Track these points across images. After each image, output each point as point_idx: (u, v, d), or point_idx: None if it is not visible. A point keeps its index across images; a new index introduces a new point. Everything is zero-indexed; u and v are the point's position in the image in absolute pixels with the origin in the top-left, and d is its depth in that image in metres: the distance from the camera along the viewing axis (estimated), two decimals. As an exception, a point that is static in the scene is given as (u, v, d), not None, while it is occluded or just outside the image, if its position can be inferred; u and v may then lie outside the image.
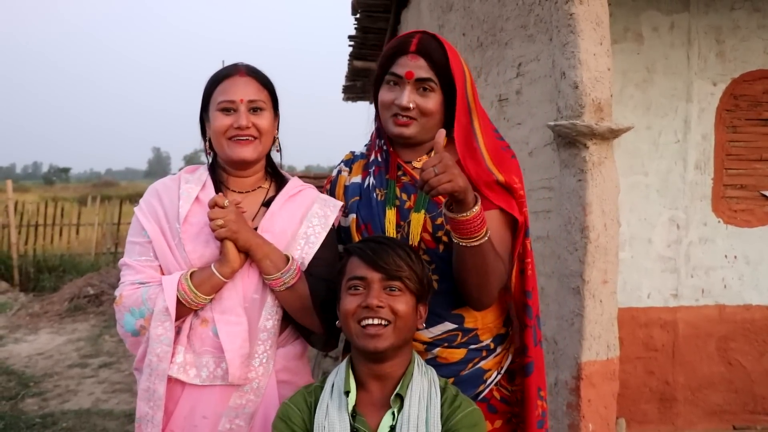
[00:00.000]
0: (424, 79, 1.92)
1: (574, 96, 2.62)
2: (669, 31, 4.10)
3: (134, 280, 1.94)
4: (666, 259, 4.24)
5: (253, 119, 1.95)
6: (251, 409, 1.89)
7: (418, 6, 6.10)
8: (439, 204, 1.90)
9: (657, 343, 4.24)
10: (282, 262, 1.89)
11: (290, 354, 2.01)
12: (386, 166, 2.03)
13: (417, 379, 1.74)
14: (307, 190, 2.08)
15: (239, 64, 2.01)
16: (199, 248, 1.93)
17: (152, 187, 2.08)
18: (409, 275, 1.73)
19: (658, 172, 4.20)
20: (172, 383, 1.90)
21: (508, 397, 2.00)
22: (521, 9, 3.22)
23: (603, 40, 2.65)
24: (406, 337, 1.75)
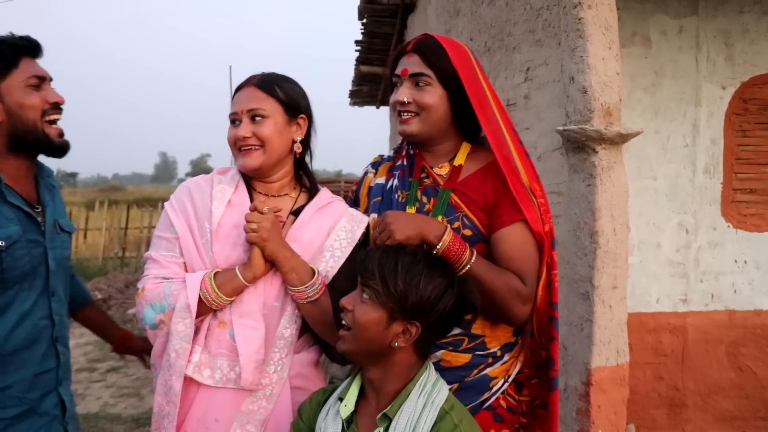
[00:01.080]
0: (418, 73, 1.95)
1: (583, 100, 2.61)
2: (677, 34, 4.09)
3: (158, 275, 1.97)
4: (675, 264, 4.22)
5: (253, 128, 1.96)
6: (263, 416, 1.89)
7: (425, 11, 6.11)
8: (457, 209, 1.91)
9: (666, 348, 4.21)
10: (307, 275, 1.89)
11: (305, 360, 2.01)
12: (410, 170, 2.05)
13: (412, 400, 1.64)
14: (336, 203, 2.08)
15: (256, 75, 2.04)
16: (226, 250, 1.95)
17: (184, 184, 2.10)
18: (380, 287, 1.63)
19: (666, 176, 4.18)
20: (188, 382, 1.91)
21: (515, 406, 1.98)
22: (529, 14, 3.21)
23: (612, 44, 2.64)
24: (368, 348, 1.67)
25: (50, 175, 2.15)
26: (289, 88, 2.02)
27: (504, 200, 1.89)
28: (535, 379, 2.01)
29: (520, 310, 1.85)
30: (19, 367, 1.97)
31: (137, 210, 18.59)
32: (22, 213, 1.98)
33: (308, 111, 2.06)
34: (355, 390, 1.75)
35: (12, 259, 1.92)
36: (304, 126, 2.04)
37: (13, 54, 1.96)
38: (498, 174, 1.91)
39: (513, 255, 1.86)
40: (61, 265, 2.08)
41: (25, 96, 1.96)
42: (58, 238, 2.09)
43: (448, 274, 1.68)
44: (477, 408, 1.91)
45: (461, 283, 1.69)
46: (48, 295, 2.03)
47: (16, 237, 1.93)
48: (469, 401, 1.87)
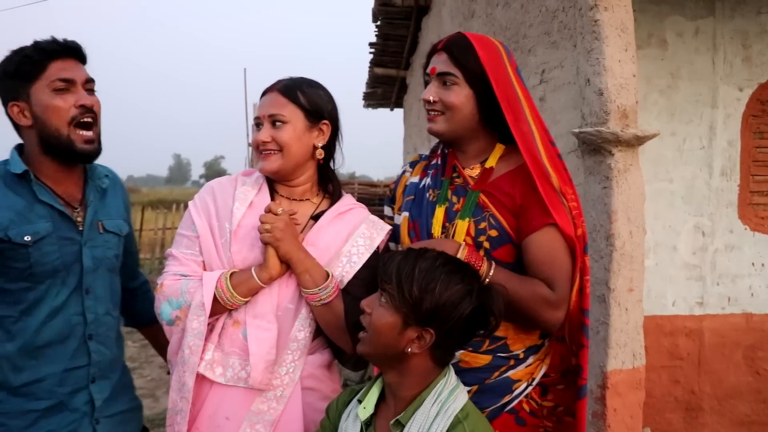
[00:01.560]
0: (444, 72, 1.94)
1: (599, 103, 2.60)
2: (694, 36, 4.06)
3: (177, 272, 2.00)
4: (691, 267, 4.19)
5: (272, 133, 1.98)
6: (273, 417, 1.90)
7: (439, 13, 6.10)
8: (485, 209, 1.90)
9: (682, 351, 4.19)
10: (321, 278, 1.91)
11: (318, 362, 2.01)
12: (443, 169, 2.05)
13: (425, 407, 1.63)
14: (357, 210, 2.09)
15: (282, 79, 2.06)
16: (244, 250, 1.97)
17: (208, 184, 2.13)
18: (395, 292, 1.62)
19: (683, 178, 4.15)
20: (201, 380, 1.94)
21: (537, 410, 1.94)
22: (544, 16, 3.21)
23: (628, 46, 2.63)
24: (383, 352, 1.67)
25: (100, 177, 2.18)
26: (313, 93, 2.03)
27: (533, 204, 1.86)
28: (561, 385, 1.98)
29: (551, 316, 1.83)
30: (50, 360, 2.00)
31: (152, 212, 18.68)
32: (56, 211, 2.01)
33: (333, 117, 2.07)
34: (375, 392, 1.75)
35: (40, 254, 1.96)
36: (327, 132, 2.05)
37: (42, 58, 1.97)
38: (528, 177, 1.88)
39: (542, 260, 1.84)
40: (102, 264, 2.10)
41: (49, 100, 1.97)
42: (100, 237, 2.11)
43: (469, 282, 1.64)
44: (498, 411, 1.89)
45: (484, 292, 1.66)
46: (82, 293, 2.05)
47: (45, 233, 1.97)
48: (489, 404, 1.86)
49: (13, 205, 1.96)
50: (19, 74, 1.96)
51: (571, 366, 1.96)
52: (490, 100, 1.92)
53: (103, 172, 2.21)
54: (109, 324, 2.13)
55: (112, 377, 2.15)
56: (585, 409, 1.93)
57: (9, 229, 1.93)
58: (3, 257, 1.95)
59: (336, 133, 2.10)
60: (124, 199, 2.32)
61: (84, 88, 2.03)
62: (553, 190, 1.86)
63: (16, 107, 1.98)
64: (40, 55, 1.97)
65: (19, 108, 1.98)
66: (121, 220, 2.22)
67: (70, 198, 2.07)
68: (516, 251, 1.90)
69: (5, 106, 2.00)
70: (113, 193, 2.23)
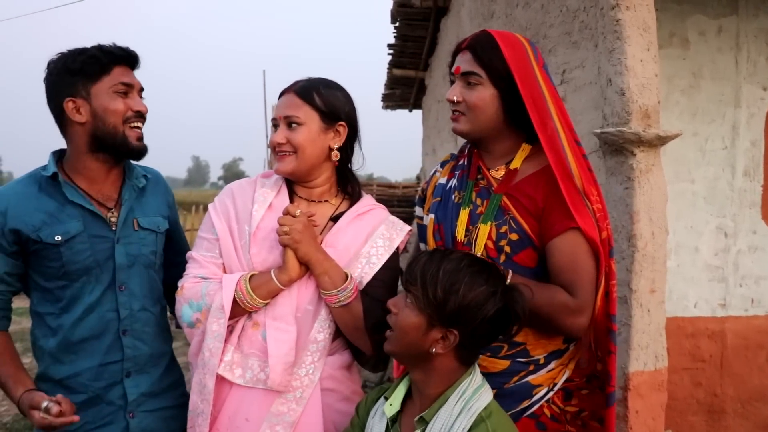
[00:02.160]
0: (468, 72, 1.92)
1: (620, 103, 2.59)
2: (716, 35, 4.02)
3: (197, 274, 2.02)
4: (713, 268, 4.15)
5: (287, 134, 1.99)
6: (292, 418, 1.91)
7: (458, 14, 6.10)
8: (506, 212, 1.87)
9: (704, 353, 4.14)
10: (340, 279, 1.91)
11: (337, 363, 2.02)
12: (469, 170, 2.02)
13: (449, 405, 1.64)
14: (376, 210, 2.09)
15: (299, 80, 2.07)
16: (263, 252, 1.98)
17: (228, 187, 2.16)
18: (420, 293, 1.64)
19: (705, 179, 4.11)
20: (221, 381, 1.96)
21: (559, 415, 1.91)
22: (565, 16, 3.19)
23: (650, 45, 2.61)
24: (408, 351, 1.69)
25: (138, 177, 2.25)
26: (330, 94, 2.03)
27: (555, 207, 1.82)
28: (586, 390, 1.94)
29: (572, 322, 1.79)
30: (87, 355, 2.09)
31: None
32: (87, 211, 2.09)
33: (350, 118, 2.06)
34: (402, 390, 1.77)
35: (71, 253, 2.05)
36: (344, 133, 2.05)
37: (108, 61, 2.08)
38: (551, 179, 1.84)
39: (563, 265, 1.80)
40: (138, 261, 2.17)
41: (110, 101, 2.08)
42: (135, 234, 2.17)
43: (493, 283, 1.65)
44: (517, 415, 1.87)
45: (508, 293, 1.66)
46: (115, 289, 2.12)
47: (75, 233, 2.06)
48: (507, 408, 1.83)
49: (45, 207, 2.05)
50: (84, 72, 2.06)
51: (597, 371, 1.93)
52: (515, 99, 1.89)
53: (141, 172, 2.28)
54: (145, 319, 2.18)
55: (153, 372, 2.20)
56: (614, 417, 1.90)
57: (41, 231, 2.03)
58: (38, 257, 2.05)
59: (354, 134, 2.09)
60: (167, 197, 2.38)
61: (138, 94, 2.16)
62: (576, 192, 1.82)
63: (72, 103, 2.07)
64: (107, 58, 2.08)
65: (76, 104, 2.07)
66: (160, 218, 2.27)
67: (104, 198, 2.15)
68: (538, 256, 1.86)
69: (60, 100, 2.08)
70: (153, 191, 2.30)
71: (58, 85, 2.08)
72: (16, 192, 2.08)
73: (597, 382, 1.93)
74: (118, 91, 2.08)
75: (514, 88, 1.88)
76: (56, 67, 2.08)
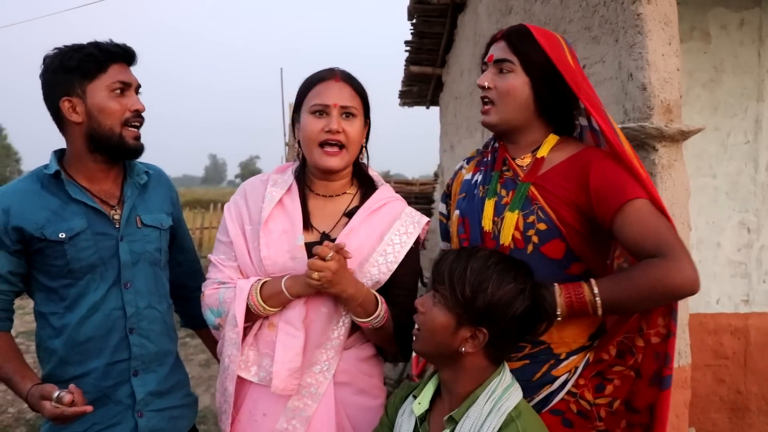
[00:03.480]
0: (501, 59, 1.90)
1: (642, 98, 2.56)
2: (738, 28, 3.98)
3: (216, 279, 2.03)
4: (736, 264, 4.11)
5: (344, 125, 1.95)
6: (308, 413, 1.92)
7: (476, 10, 6.07)
8: (533, 201, 1.83)
9: (727, 350, 4.10)
10: (372, 306, 1.89)
11: (353, 357, 2.02)
12: (493, 163, 2.00)
13: (479, 405, 1.63)
14: (392, 204, 2.05)
15: (335, 68, 2.03)
16: (273, 254, 1.97)
17: (242, 186, 2.15)
18: (448, 293, 1.62)
19: (727, 174, 4.07)
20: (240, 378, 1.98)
21: (588, 411, 1.83)
22: (585, 10, 3.17)
23: (672, 40, 2.58)
24: (437, 351, 1.68)
25: (139, 174, 2.22)
26: (365, 90, 2.04)
27: (608, 186, 1.75)
28: (619, 367, 1.83)
29: (683, 279, 1.65)
30: (94, 355, 2.07)
31: (189, 211, 18.93)
32: (90, 208, 2.07)
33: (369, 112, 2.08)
34: (431, 388, 1.76)
35: (75, 250, 2.02)
36: (367, 128, 2.07)
37: (105, 59, 2.04)
38: (585, 165, 1.80)
39: (639, 234, 1.68)
40: (142, 258, 2.15)
41: (107, 101, 2.03)
42: (139, 232, 2.15)
43: (521, 280, 1.63)
44: (540, 408, 1.83)
45: (536, 290, 1.65)
46: (120, 287, 2.10)
47: (79, 230, 2.03)
48: (528, 396, 1.79)
49: (49, 205, 2.03)
50: (80, 71, 2.01)
51: (635, 346, 1.82)
52: (547, 89, 1.89)
53: (142, 169, 2.24)
54: (152, 317, 2.16)
55: (160, 371, 2.18)
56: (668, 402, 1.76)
57: (44, 228, 2.00)
58: (42, 255, 2.03)
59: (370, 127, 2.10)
60: (170, 194, 2.34)
61: (135, 92, 2.11)
62: (634, 165, 1.76)
63: (68, 102, 2.03)
64: (104, 55, 2.03)
65: (72, 104, 2.04)
66: (163, 214, 2.25)
67: (106, 195, 2.13)
68: (565, 247, 1.83)
69: (55, 99, 2.04)
70: (155, 188, 2.27)
71: (53, 83, 2.05)
72: (19, 190, 2.06)
73: (632, 360, 1.82)
74: (114, 89, 2.05)
75: (546, 79, 1.87)
76: (52, 63, 2.04)
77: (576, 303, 1.70)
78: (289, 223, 1.99)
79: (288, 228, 1.98)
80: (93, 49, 2.04)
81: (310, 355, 1.94)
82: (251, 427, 1.97)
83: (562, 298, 1.72)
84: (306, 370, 1.94)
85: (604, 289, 1.70)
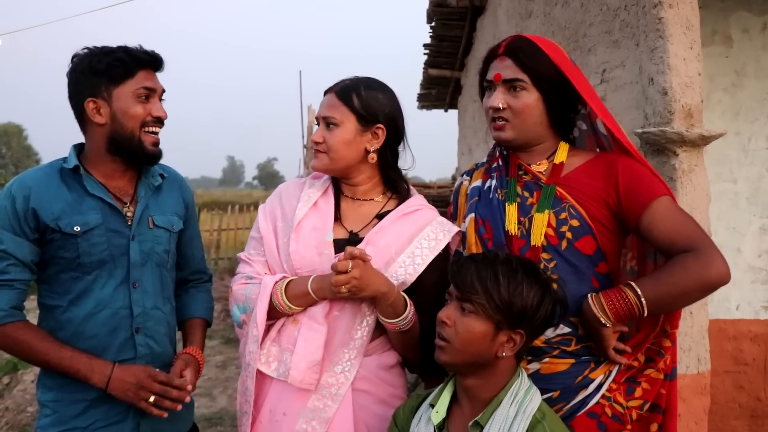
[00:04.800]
0: (512, 79, 1.91)
1: (663, 102, 2.55)
2: (761, 32, 3.95)
3: (244, 274, 2.07)
4: (756, 270, 4.07)
5: (324, 134, 2.02)
6: (328, 414, 1.93)
7: (495, 13, 6.07)
8: (563, 200, 1.87)
9: (747, 356, 4.07)
10: (402, 307, 1.90)
11: (374, 364, 2.02)
12: (507, 169, 2.02)
13: (504, 408, 1.64)
14: (424, 211, 2.08)
15: (345, 79, 2.09)
16: (301, 249, 2.01)
17: (278, 188, 2.22)
18: (484, 300, 1.63)
19: (747, 179, 4.04)
20: (262, 375, 2.00)
21: (621, 414, 1.86)
22: (605, 14, 3.16)
23: (693, 44, 2.57)
24: (473, 360, 1.67)
25: (154, 176, 2.25)
26: (370, 97, 2.04)
27: (635, 184, 1.82)
28: (650, 370, 1.90)
29: (717, 272, 1.73)
30: (99, 352, 2.06)
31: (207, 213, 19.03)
32: (106, 204, 2.10)
33: (390, 121, 2.07)
34: (447, 396, 1.76)
35: (88, 245, 2.04)
36: (382, 136, 2.06)
37: (133, 65, 2.07)
38: (609, 166, 1.87)
39: (672, 230, 1.77)
40: (150, 259, 2.17)
41: (130, 105, 2.07)
42: (150, 232, 2.17)
43: (543, 280, 1.68)
44: (576, 410, 1.84)
45: (555, 290, 1.70)
46: (129, 286, 2.11)
47: (94, 224, 2.06)
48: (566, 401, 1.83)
49: (66, 197, 2.05)
50: (108, 74, 2.05)
51: (662, 347, 1.89)
52: (557, 101, 1.92)
53: (157, 171, 2.27)
54: (157, 318, 2.18)
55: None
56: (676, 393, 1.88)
57: (60, 219, 2.02)
58: (53, 246, 2.04)
59: (396, 135, 2.10)
60: (185, 197, 2.36)
61: (159, 98, 2.15)
62: (649, 165, 1.87)
63: (93, 103, 2.07)
64: (133, 62, 2.07)
65: (96, 105, 2.07)
66: (175, 217, 2.27)
67: (121, 193, 2.16)
68: (596, 244, 1.86)
69: (81, 99, 2.08)
70: (169, 190, 2.30)
71: (80, 83, 2.08)
72: (38, 179, 2.08)
73: (662, 362, 1.89)
74: (140, 95, 2.08)
75: (555, 90, 1.91)
76: (81, 64, 2.08)
77: (621, 309, 1.75)
78: (320, 221, 2.04)
79: (319, 225, 2.03)
80: (122, 54, 2.08)
81: (333, 354, 1.96)
82: (272, 426, 1.98)
83: (606, 306, 1.76)
84: (327, 369, 1.95)
85: (647, 290, 1.74)
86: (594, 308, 1.77)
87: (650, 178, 1.85)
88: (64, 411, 2.06)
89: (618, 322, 1.78)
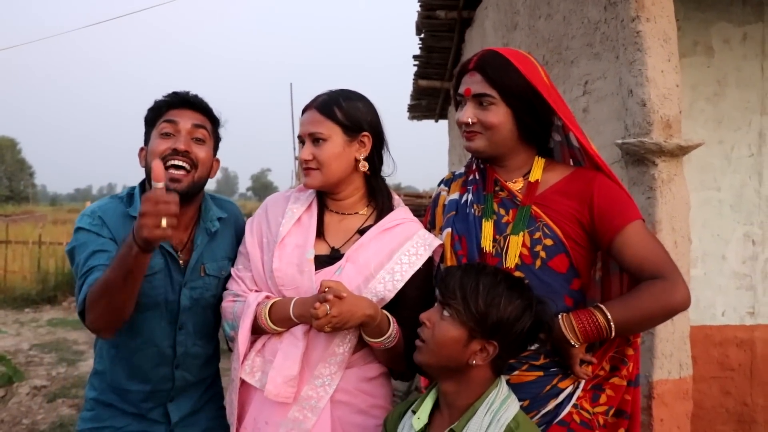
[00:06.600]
0: (481, 94, 1.93)
1: (641, 113, 2.61)
2: (741, 42, 4.02)
3: (231, 291, 2.11)
4: (741, 276, 4.12)
5: (313, 150, 2.04)
6: (307, 426, 1.95)
7: (482, 25, 6.13)
8: (538, 219, 1.90)
9: (733, 362, 4.11)
10: (386, 325, 1.93)
11: (354, 376, 2.03)
12: (483, 183, 2.04)
13: (479, 417, 1.67)
14: (405, 225, 2.08)
15: (321, 95, 2.10)
16: (283, 266, 2.03)
17: (265, 201, 2.24)
18: (461, 307, 1.67)
19: (731, 186, 4.09)
20: (247, 385, 2.04)
21: (589, 420, 1.91)
22: (587, 27, 3.22)
23: (671, 56, 2.63)
24: (445, 364, 1.71)
25: (212, 220, 2.25)
26: (351, 107, 2.06)
27: (609, 206, 1.88)
28: (615, 379, 1.97)
29: (681, 298, 1.80)
30: (141, 380, 2.18)
31: (201, 224, 18.98)
32: (166, 251, 2.14)
33: (374, 128, 2.09)
34: (429, 402, 1.79)
35: (149, 287, 2.08)
36: (369, 143, 2.08)
37: (161, 106, 2.13)
38: (585, 185, 1.92)
39: (642, 255, 1.83)
40: (198, 304, 2.21)
41: (155, 144, 2.11)
42: (200, 280, 2.21)
43: (527, 296, 1.71)
44: (551, 420, 1.88)
45: (539, 305, 1.72)
46: (176, 328, 2.19)
47: (158, 269, 2.11)
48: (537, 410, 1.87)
49: None
50: (146, 121, 2.15)
51: (626, 356, 1.97)
52: (527, 115, 1.93)
53: (215, 215, 2.27)
54: (195, 353, 2.25)
55: (194, 394, 2.29)
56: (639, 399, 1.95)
57: None
58: None
59: (380, 142, 2.12)
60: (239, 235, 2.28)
61: (190, 134, 2.11)
62: (623, 186, 1.93)
63: (143, 151, 2.17)
64: (165, 105, 2.13)
65: (143, 152, 2.17)
66: (225, 261, 2.25)
67: (177, 241, 2.18)
68: (569, 262, 1.90)
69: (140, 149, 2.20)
70: (224, 234, 2.29)
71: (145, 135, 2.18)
72: (112, 211, 2.14)
73: (625, 370, 1.96)
74: (162, 131, 2.09)
75: (525, 105, 1.92)
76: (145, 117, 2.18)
77: (591, 331, 1.80)
78: (302, 238, 2.05)
79: (301, 242, 2.04)
80: (159, 100, 2.15)
81: (313, 368, 1.97)
82: None
83: (576, 327, 1.81)
84: (308, 382, 1.97)
85: (615, 313, 1.80)
86: (564, 329, 1.82)
87: (624, 201, 1.89)
88: (101, 411, 2.20)
89: (586, 342, 1.83)
